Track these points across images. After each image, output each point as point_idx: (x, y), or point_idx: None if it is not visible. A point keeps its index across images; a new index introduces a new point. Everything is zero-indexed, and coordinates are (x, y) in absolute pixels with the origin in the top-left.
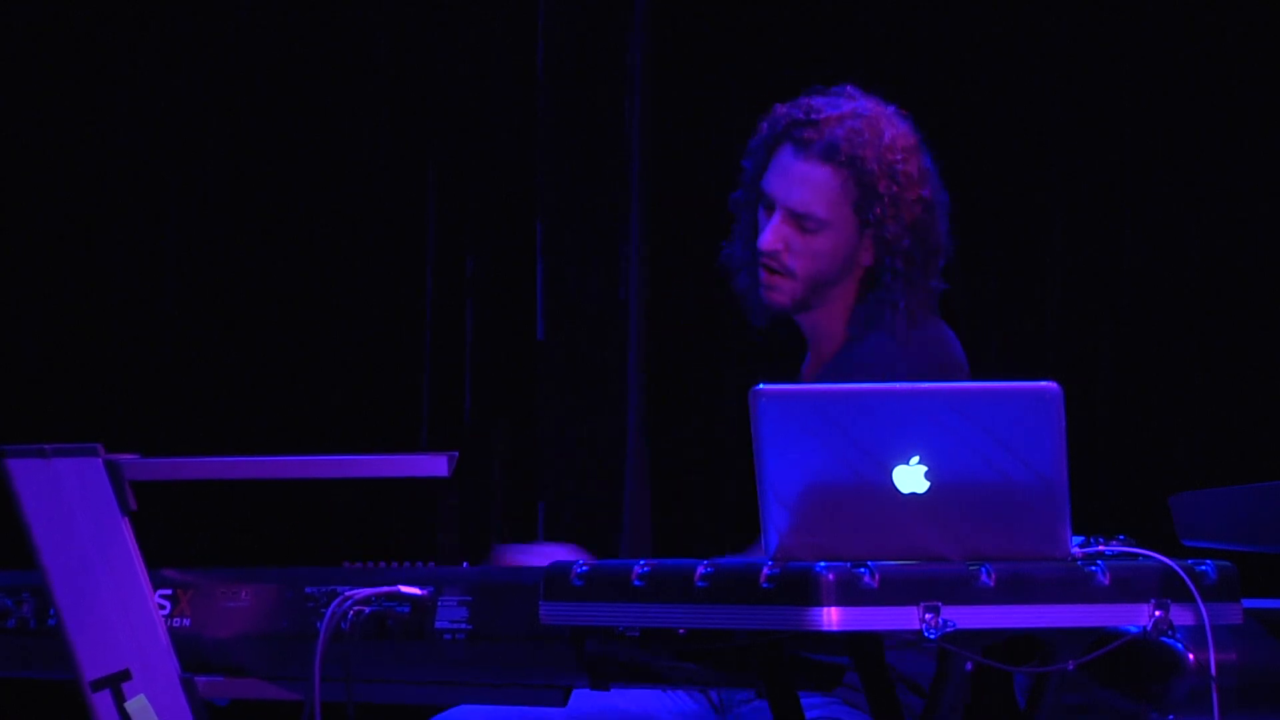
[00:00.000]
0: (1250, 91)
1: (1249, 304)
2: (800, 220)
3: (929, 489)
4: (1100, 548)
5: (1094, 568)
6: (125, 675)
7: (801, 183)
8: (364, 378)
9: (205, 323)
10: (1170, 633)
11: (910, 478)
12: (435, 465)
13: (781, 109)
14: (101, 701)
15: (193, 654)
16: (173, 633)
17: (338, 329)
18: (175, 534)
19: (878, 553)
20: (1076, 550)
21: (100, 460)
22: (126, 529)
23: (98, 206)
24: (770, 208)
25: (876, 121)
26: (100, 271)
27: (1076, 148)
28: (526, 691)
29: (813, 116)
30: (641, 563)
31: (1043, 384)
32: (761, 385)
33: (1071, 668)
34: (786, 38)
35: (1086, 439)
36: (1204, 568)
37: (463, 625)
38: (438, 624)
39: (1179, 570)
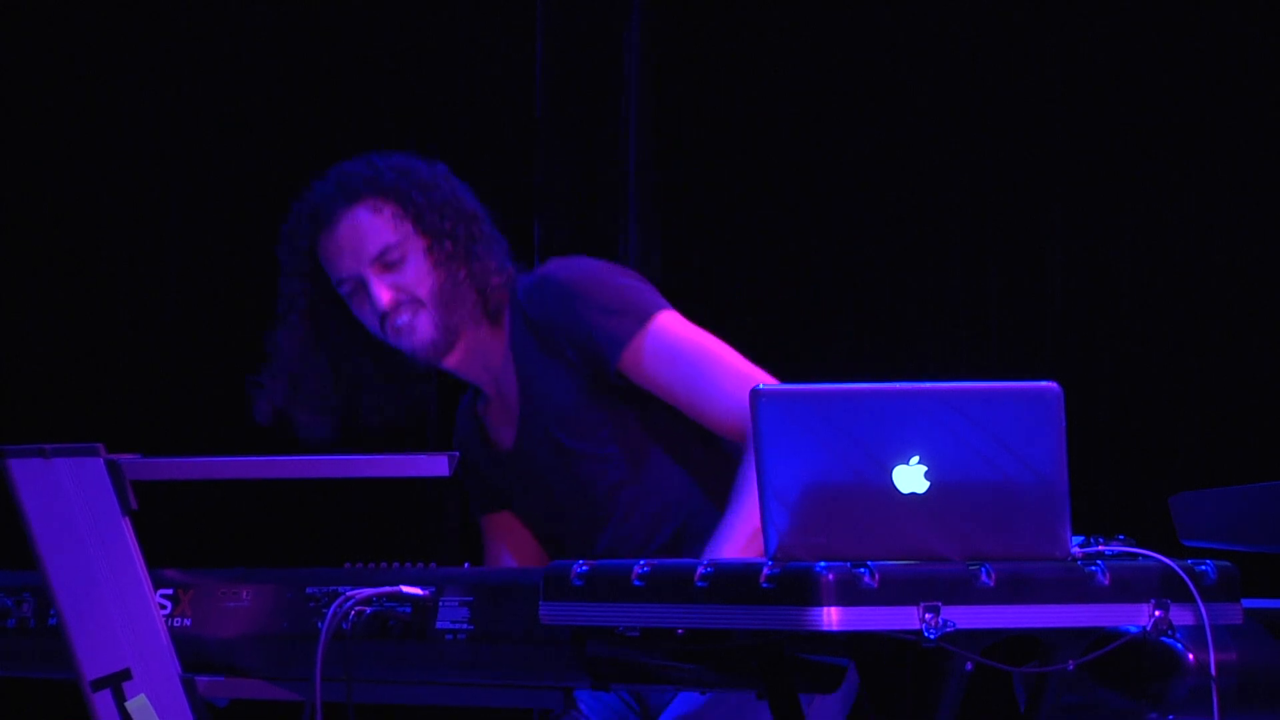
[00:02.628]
0: (1250, 91)
1: (1249, 304)
2: (383, 261)
3: (929, 489)
4: (1100, 548)
5: (1094, 568)
6: (126, 675)
7: (354, 235)
8: None
9: (207, 323)
10: (1170, 633)
11: (910, 478)
12: (436, 465)
13: (286, 228)
14: (102, 701)
15: (193, 654)
16: (173, 632)
17: None
18: (176, 534)
19: (878, 553)
20: (1076, 550)
21: (101, 460)
22: (127, 529)
23: (99, 206)
24: (358, 287)
25: (355, 160)
26: (102, 271)
27: (1076, 147)
28: (527, 692)
29: (313, 200)
30: (641, 563)
31: (1043, 384)
32: (761, 385)
33: (1071, 668)
34: (788, 32)
35: (1086, 439)
36: (1204, 568)
37: (464, 626)
38: (439, 624)
39: (1179, 570)
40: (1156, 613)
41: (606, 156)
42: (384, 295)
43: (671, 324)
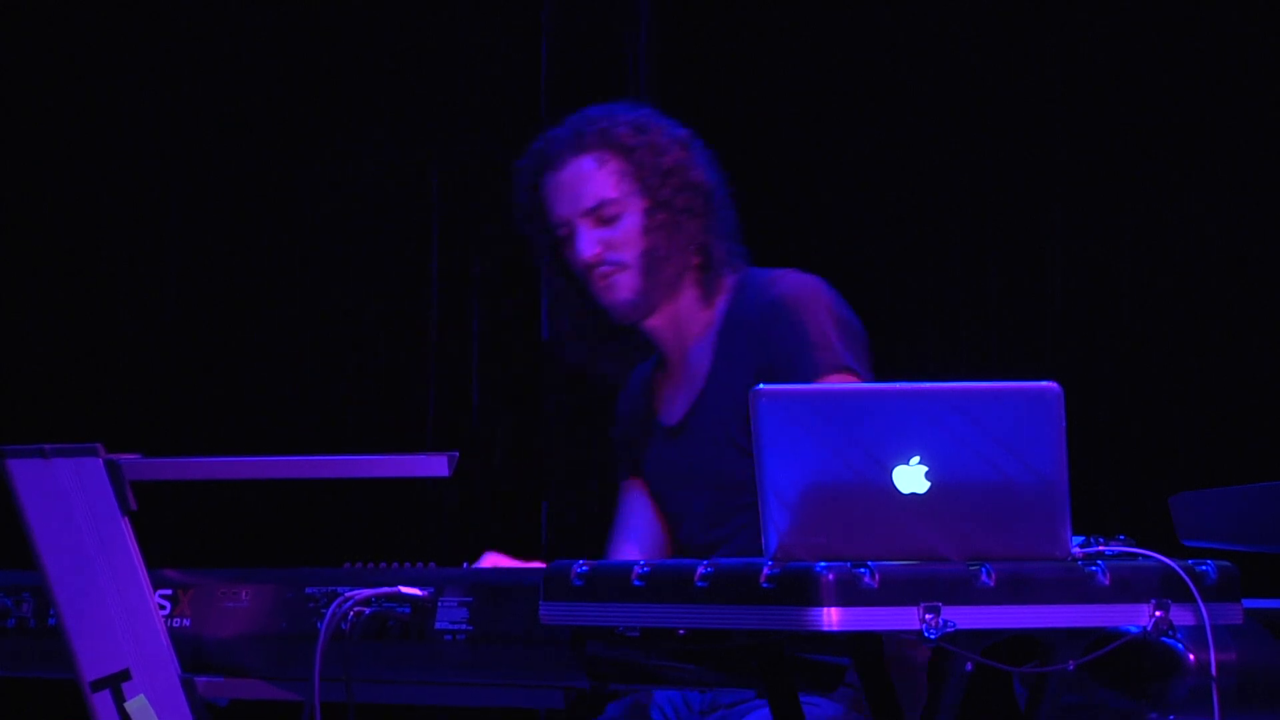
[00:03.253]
0: (1250, 91)
1: (1249, 304)
2: (597, 214)
3: (929, 489)
4: (1100, 548)
5: (1094, 568)
6: (125, 675)
7: (575, 183)
8: (368, 378)
9: (207, 323)
10: (1170, 633)
11: (910, 478)
12: (436, 465)
13: (523, 161)
14: (101, 701)
15: (193, 654)
16: (173, 633)
17: (341, 329)
18: (176, 534)
19: (878, 553)
20: (1076, 550)
21: (100, 460)
22: (127, 529)
23: (99, 206)
24: (570, 233)
25: (607, 106)
26: (102, 271)
27: (1076, 147)
28: (527, 692)
29: (548, 137)
30: (641, 563)
31: (1043, 384)
32: (761, 385)
33: (1071, 668)
34: (792, 32)
35: (1086, 439)
36: (1204, 568)
37: (463, 626)
38: (438, 625)
39: (1179, 570)
40: (1157, 613)
41: None
42: (589, 249)
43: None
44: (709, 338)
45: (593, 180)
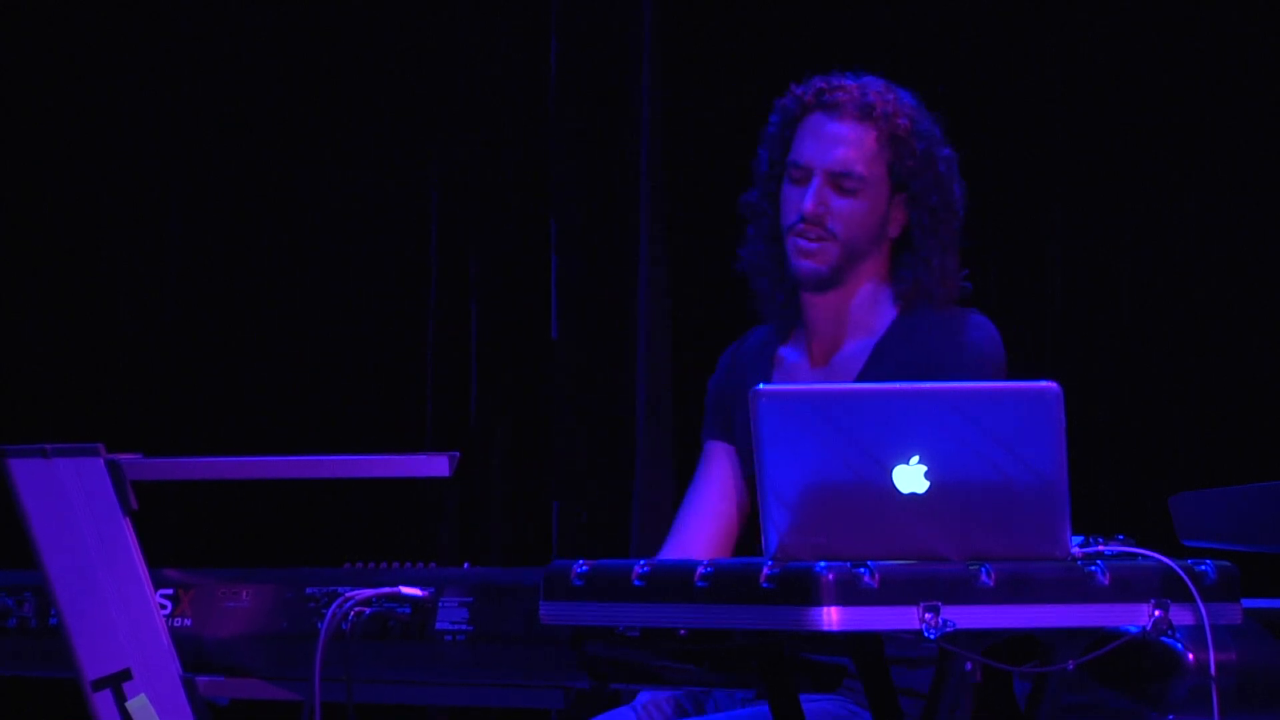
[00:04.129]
0: (1250, 91)
1: (1249, 304)
2: (839, 181)
3: (929, 489)
4: (1100, 548)
5: (1094, 568)
6: (126, 675)
7: (837, 142)
8: (368, 378)
9: (207, 323)
10: (1170, 633)
11: (910, 478)
12: (437, 465)
13: (800, 87)
14: (102, 701)
15: (193, 654)
16: (174, 632)
17: (340, 329)
18: (176, 534)
19: (878, 553)
20: (1076, 550)
21: (102, 460)
22: (128, 529)
23: (100, 205)
24: (803, 178)
25: (893, 87)
26: (102, 271)
27: (1077, 147)
28: (527, 692)
29: (836, 84)
30: (641, 563)
31: (1043, 384)
32: (761, 385)
33: (1071, 668)
34: (794, 32)
35: (1086, 439)
36: (1204, 568)
37: (463, 626)
38: (438, 625)
39: (1179, 570)
40: (1156, 613)
41: (620, 154)
42: (813, 204)
43: None
44: (869, 342)
45: (857, 149)
